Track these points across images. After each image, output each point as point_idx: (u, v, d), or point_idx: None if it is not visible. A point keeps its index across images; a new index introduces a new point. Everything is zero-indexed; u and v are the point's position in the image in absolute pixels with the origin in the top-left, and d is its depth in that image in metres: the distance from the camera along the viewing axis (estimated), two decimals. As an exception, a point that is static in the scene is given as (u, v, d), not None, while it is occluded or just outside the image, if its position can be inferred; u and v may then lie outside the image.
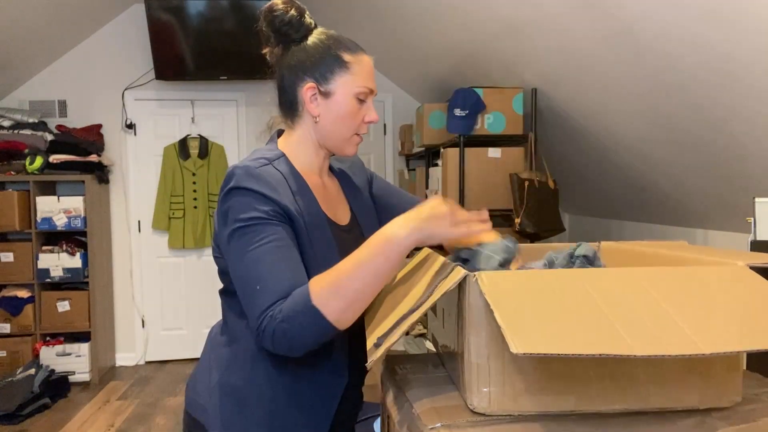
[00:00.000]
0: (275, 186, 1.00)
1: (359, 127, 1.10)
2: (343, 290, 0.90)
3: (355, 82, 1.08)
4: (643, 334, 0.68)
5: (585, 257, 0.93)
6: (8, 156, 3.95)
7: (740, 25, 1.71)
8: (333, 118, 1.09)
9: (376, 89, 1.11)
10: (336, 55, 1.08)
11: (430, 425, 0.78)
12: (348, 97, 1.08)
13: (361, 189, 1.24)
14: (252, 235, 0.95)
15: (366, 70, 1.09)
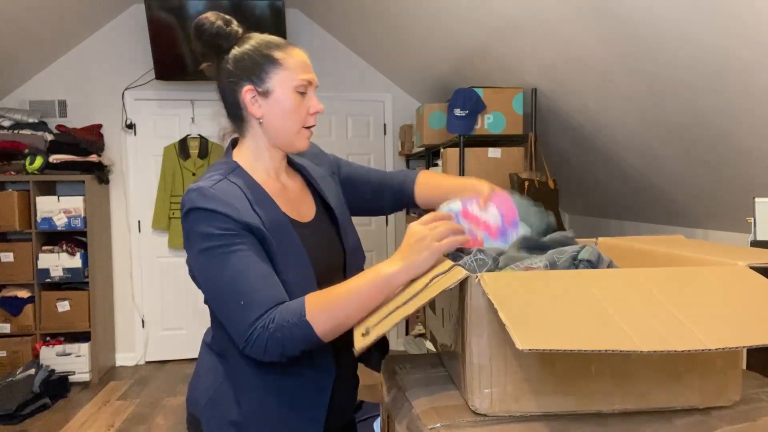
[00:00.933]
0: (230, 201, 1.02)
1: (305, 119, 1.12)
2: (335, 312, 0.95)
3: (291, 76, 1.11)
4: (647, 330, 0.68)
5: (588, 262, 0.92)
6: (8, 156, 3.95)
7: (740, 25, 1.71)
8: (277, 115, 1.10)
9: (315, 80, 1.14)
10: (266, 54, 1.11)
11: (430, 425, 0.78)
12: (288, 92, 1.10)
13: (327, 176, 1.27)
14: (220, 254, 0.99)
15: (299, 62, 1.13)
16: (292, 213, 1.13)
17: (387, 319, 0.85)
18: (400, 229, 4.85)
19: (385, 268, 0.95)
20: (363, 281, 0.96)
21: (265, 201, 1.08)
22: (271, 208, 1.08)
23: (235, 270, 0.98)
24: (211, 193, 1.01)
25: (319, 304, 0.96)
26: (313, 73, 1.14)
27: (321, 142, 4.57)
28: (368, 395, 3.76)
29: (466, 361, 0.82)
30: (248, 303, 0.97)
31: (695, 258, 0.93)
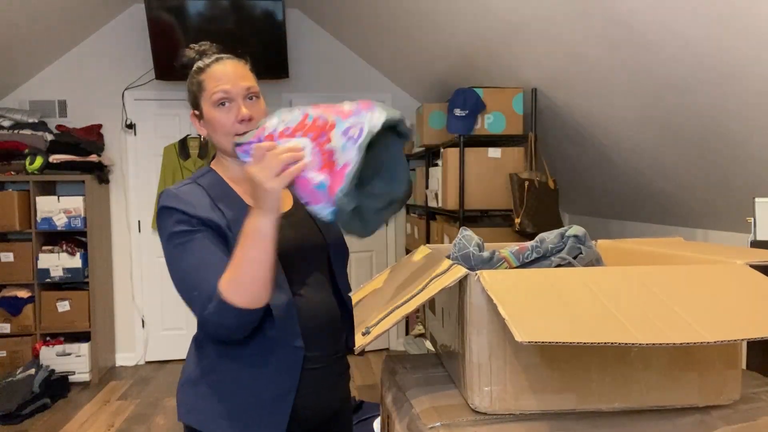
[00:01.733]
0: (190, 200, 1.13)
1: (233, 128, 1.16)
2: (240, 281, 1.03)
3: (208, 93, 1.17)
4: (646, 324, 0.68)
5: (576, 237, 0.94)
6: (8, 156, 3.95)
7: (740, 25, 1.71)
8: (211, 134, 1.20)
9: (236, 87, 1.16)
10: (194, 80, 1.21)
11: (430, 424, 0.78)
12: (210, 108, 1.18)
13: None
14: (177, 246, 1.11)
15: (215, 78, 1.17)
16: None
17: (386, 320, 0.85)
18: (400, 229, 4.85)
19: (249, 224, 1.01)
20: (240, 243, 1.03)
21: (231, 197, 1.18)
22: (236, 203, 1.17)
23: (188, 262, 1.09)
24: (174, 193, 1.14)
25: (225, 281, 1.04)
26: (232, 83, 1.17)
27: (321, 142, 4.58)
28: (368, 395, 3.76)
29: (465, 359, 0.82)
30: (199, 292, 1.06)
31: (694, 257, 0.93)
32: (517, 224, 2.90)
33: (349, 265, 5.39)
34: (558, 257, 0.93)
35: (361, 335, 0.88)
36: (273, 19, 4.11)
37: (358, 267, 4.78)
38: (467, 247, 0.97)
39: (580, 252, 0.93)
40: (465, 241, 0.98)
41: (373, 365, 4.47)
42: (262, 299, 1.06)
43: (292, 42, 4.53)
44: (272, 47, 4.18)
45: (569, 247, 0.93)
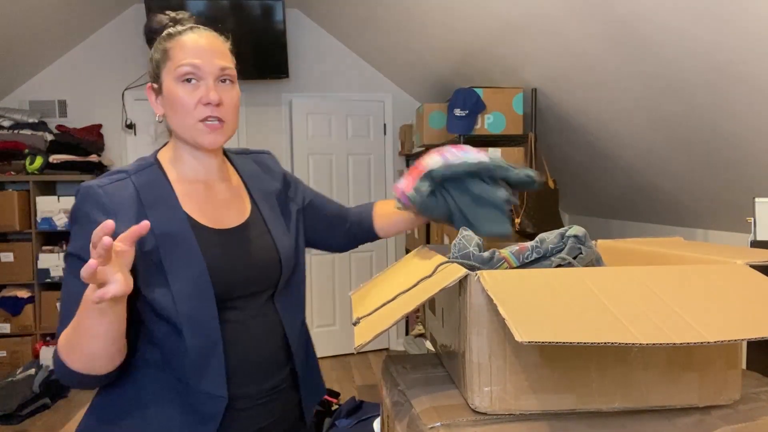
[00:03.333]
0: (112, 208, 0.95)
1: (196, 111, 1.00)
2: (76, 350, 0.89)
3: (173, 64, 0.99)
4: (646, 324, 0.68)
5: (576, 237, 0.94)
6: (8, 156, 3.95)
7: (740, 25, 1.71)
8: (169, 111, 1.02)
9: (208, 64, 0.99)
10: (160, 47, 1.03)
11: (430, 424, 0.78)
12: (171, 83, 1.00)
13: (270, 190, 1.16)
14: (69, 270, 0.95)
15: (185, 48, 1.00)
16: (204, 217, 1.03)
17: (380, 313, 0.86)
18: (400, 229, 4.85)
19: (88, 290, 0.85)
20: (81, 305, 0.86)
21: (167, 203, 1.00)
22: (170, 211, 0.99)
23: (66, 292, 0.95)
24: (95, 194, 0.96)
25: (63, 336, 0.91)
26: (204, 59, 0.99)
27: (321, 142, 4.58)
28: (368, 395, 3.76)
29: (465, 359, 0.82)
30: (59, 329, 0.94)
31: (694, 257, 0.93)
32: (517, 224, 2.90)
33: (349, 266, 5.37)
34: (558, 257, 0.92)
35: (353, 325, 0.89)
36: (273, 19, 4.11)
37: (358, 267, 4.78)
38: (467, 247, 0.97)
39: (580, 252, 0.93)
40: (465, 241, 0.98)
41: (373, 365, 4.47)
42: (100, 369, 0.91)
43: (292, 42, 4.53)
44: (272, 47, 4.18)
45: (569, 248, 0.93)
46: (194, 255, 0.97)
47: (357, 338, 0.85)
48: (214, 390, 0.97)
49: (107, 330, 0.86)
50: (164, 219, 0.98)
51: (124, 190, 0.98)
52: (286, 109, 4.63)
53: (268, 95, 4.59)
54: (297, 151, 4.55)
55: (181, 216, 1.00)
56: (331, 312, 4.71)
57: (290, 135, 4.63)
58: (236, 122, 1.06)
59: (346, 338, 4.72)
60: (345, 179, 4.70)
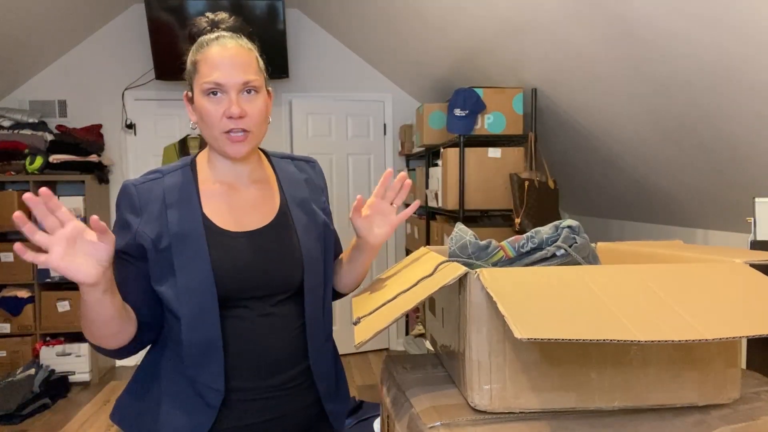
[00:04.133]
0: (139, 206, 1.06)
1: (221, 124, 1.04)
2: (86, 329, 1.00)
3: (200, 79, 1.05)
4: (645, 322, 0.68)
5: (570, 227, 0.95)
6: (8, 156, 3.95)
7: (740, 25, 1.71)
8: (199, 121, 1.08)
9: (231, 80, 1.03)
10: (192, 59, 1.09)
11: (430, 424, 0.78)
12: (200, 96, 1.06)
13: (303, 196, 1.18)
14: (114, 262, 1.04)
15: (210, 63, 1.05)
16: (222, 219, 1.08)
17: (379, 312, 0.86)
18: (400, 229, 4.85)
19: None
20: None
21: (188, 204, 1.07)
22: (189, 212, 1.06)
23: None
24: (130, 193, 1.07)
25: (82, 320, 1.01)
26: (226, 74, 1.03)
27: (321, 142, 4.58)
28: (368, 395, 3.76)
29: (465, 357, 0.82)
30: None
31: (693, 257, 0.93)
32: (517, 224, 2.90)
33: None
34: (554, 246, 0.93)
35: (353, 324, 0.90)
36: (273, 18, 4.11)
37: (358, 267, 4.77)
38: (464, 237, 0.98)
39: (575, 241, 0.94)
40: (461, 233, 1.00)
41: (373, 365, 4.47)
42: (107, 345, 1.03)
43: (292, 42, 4.53)
44: (272, 47, 4.18)
45: (564, 237, 0.94)
46: (202, 255, 1.03)
47: (357, 336, 0.85)
48: (212, 383, 1.04)
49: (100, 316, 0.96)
50: (181, 219, 1.05)
51: (155, 189, 1.07)
52: (286, 109, 4.63)
53: (268, 95, 4.59)
54: (297, 151, 4.55)
55: (197, 217, 1.06)
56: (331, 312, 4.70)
57: (290, 135, 4.63)
58: (263, 129, 1.11)
59: (346, 338, 4.71)
60: (345, 179, 4.70)
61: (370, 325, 0.86)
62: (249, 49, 1.10)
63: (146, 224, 1.04)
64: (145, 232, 1.04)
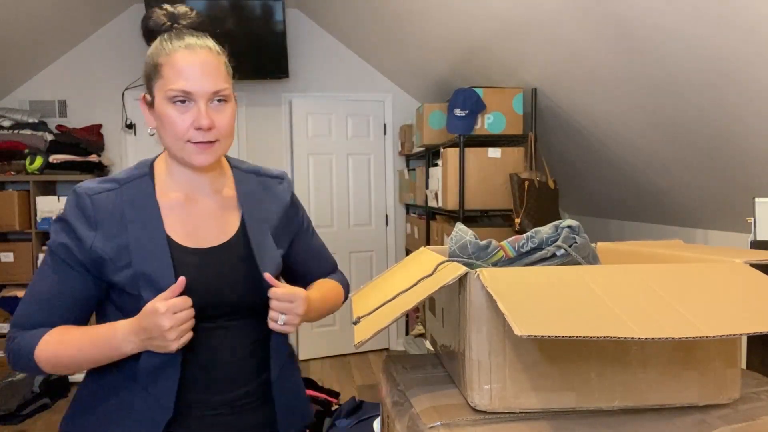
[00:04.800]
0: (95, 220, 0.99)
1: (188, 134, 0.98)
2: (61, 363, 0.97)
3: (166, 85, 0.98)
4: (645, 320, 0.68)
5: (570, 227, 0.95)
6: (8, 156, 3.95)
7: (740, 25, 1.71)
8: (159, 128, 1.01)
9: (200, 89, 0.97)
10: (153, 60, 1.00)
11: (430, 424, 0.78)
12: (162, 103, 0.98)
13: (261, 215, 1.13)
14: (46, 262, 1.02)
15: (176, 69, 0.97)
16: (182, 235, 1.04)
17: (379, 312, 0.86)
18: (400, 229, 4.85)
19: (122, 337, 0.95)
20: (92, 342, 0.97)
21: (149, 221, 1.02)
22: (150, 229, 1.01)
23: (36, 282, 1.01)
24: (83, 205, 1.00)
25: (49, 349, 0.97)
26: (196, 83, 0.97)
27: (321, 142, 4.59)
28: (368, 395, 3.76)
29: (465, 357, 0.82)
30: (18, 312, 1.01)
31: (693, 257, 0.93)
32: (517, 224, 2.90)
33: (349, 265, 5.34)
34: (554, 246, 0.93)
35: (353, 324, 0.90)
36: (273, 19, 4.11)
37: (358, 267, 4.78)
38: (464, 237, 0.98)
39: (575, 241, 0.94)
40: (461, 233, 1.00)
41: (373, 365, 4.47)
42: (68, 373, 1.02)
43: (292, 42, 4.53)
44: (272, 47, 4.18)
45: (564, 237, 0.94)
46: (167, 275, 0.99)
47: (357, 335, 0.85)
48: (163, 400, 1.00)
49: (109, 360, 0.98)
50: (143, 236, 1.00)
51: (111, 203, 1.01)
52: (286, 109, 4.63)
53: (268, 95, 4.60)
54: (297, 151, 4.55)
55: (160, 235, 1.01)
56: (331, 312, 4.70)
57: (290, 135, 4.63)
58: (231, 138, 1.05)
59: (346, 338, 4.71)
60: (345, 179, 4.70)
61: (369, 324, 0.86)
62: (218, 53, 1.04)
63: (104, 241, 0.98)
64: (103, 250, 0.98)
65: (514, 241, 0.97)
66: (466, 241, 0.97)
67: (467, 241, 0.97)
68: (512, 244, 0.97)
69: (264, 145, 4.64)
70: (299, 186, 4.58)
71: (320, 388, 3.74)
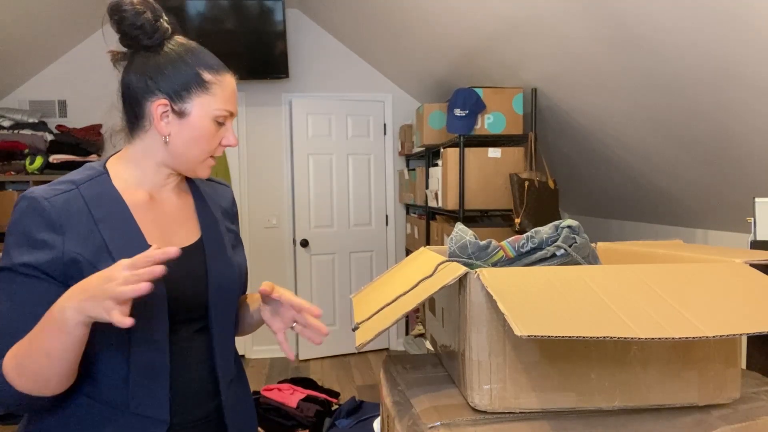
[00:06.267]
0: (59, 223, 0.90)
1: (215, 150, 1.04)
2: (26, 370, 0.85)
3: (214, 104, 1.00)
4: (645, 320, 0.68)
5: (570, 227, 0.95)
6: (8, 156, 3.95)
7: (739, 24, 1.71)
8: (186, 139, 1.00)
9: (236, 111, 1.06)
10: (196, 72, 0.99)
11: (430, 424, 0.78)
12: (206, 119, 1.00)
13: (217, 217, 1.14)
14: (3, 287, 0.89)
15: (228, 91, 1.02)
16: (153, 235, 1.00)
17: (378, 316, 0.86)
18: (400, 229, 4.85)
19: (57, 305, 0.81)
20: (38, 329, 0.83)
21: (121, 218, 0.96)
22: (125, 227, 0.96)
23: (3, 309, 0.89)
24: (41, 208, 0.90)
25: (11, 362, 0.85)
26: (236, 104, 1.05)
27: (321, 142, 4.58)
28: (368, 395, 3.76)
29: (465, 357, 0.82)
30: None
31: (693, 257, 0.93)
32: (517, 224, 2.90)
33: (349, 265, 5.33)
34: (554, 246, 0.93)
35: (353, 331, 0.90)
36: (273, 19, 4.11)
37: (358, 267, 4.78)
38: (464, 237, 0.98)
39: (575, 241, 0.94)
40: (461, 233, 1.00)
41: (373, 365, 4.47)
42: (52, 390, 0.87)
43: (292, 42, 4.53)
44: (272, 47, 4.18)
45: (564, 237, 0.94)
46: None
47: (358, 337, 0.85)
48: (156, 414, 0.95)
49: (66, 349, 0.83)
50: (119, 236, 0.94)
51: (73, 203, 0.93)
52: (286, 109, 4.63)
53: (268, 95, 4.60)
54: (297, 151, 4.55)
55: (138, 235, 0.96)
56: (331, 312, 4.71)
57: (290, 135, 4.63)
58: None
59: (346, 338, 4.72)
60: (345, 179, 4.70)
61: (370, 326, 0.86)
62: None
63: (76, 244, 0.90)
64: (77, 252, 0.90)
65: (514, 241, 0.97)
66: (466, 241, 0.97)
67: (467, 241, 0.97)
68: (512, 244, 0.97)
69: (264, 145, 4.64)
70: (299, 186, 4.58)
71: (320, 388, 3.74)
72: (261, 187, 4.67)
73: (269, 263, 4.70)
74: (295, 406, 3.31)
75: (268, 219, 4.69)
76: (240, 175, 4.63)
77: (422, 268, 0.95)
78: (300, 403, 3.34)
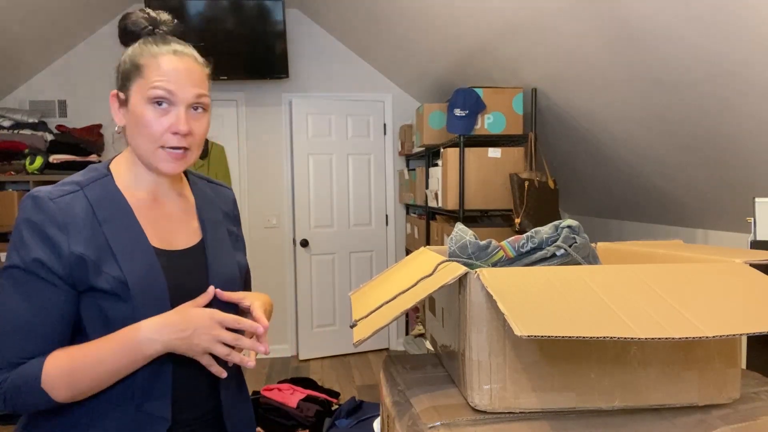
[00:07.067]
0: (64, 224, 0.91)
1: (162, 138, 0.96)
2: (77, 383, 0.88)
3: (145, 82, 0.95)
4: (645, 320, 0.68)
5: (570, 227, 0.95)
6: (8, 156, 3.95)
7: (739, 25, 1.71)
8: (131, 128, 0.97)
9: (183, 91, 0.96)
10: (134, 59, 0.97)
11: (430, 424, 0.78)
12: (140, 102, 0.95)
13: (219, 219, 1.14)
14: (13, 285, 0.90)
15: (162, 71, 0.95)
16: (155, 238, 1.01)
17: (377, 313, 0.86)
18: (400, 229, 4.85)
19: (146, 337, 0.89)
20: (111, 349, 0.89)
21: (123, 216, 0.97)
22: (129, 229, 0.96)
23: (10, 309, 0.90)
24: (47, 207, 0.91)
25: (58, 371, 0.88)
26: (179, 85, 0.95)
27: (321, 142, 4.58)
28: (368, 395, 3.76)
29: (465, 357, 0.82)
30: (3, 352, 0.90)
31: (693, 257, 0.93)
32: (517, 224, 2.90)
33: (349, 265, 5.34)
34: (554, 246, 0.93)
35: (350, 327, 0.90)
36: (273, 19, 4.11)
37: (358, 267, 4.78)
38: (464, 237, 0.98)
39: (575, 241, 0.94)
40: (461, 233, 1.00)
41: (373, 365, 4.47)
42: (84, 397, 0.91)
43: (292, 42, 4.53)
44: (272, 47, 4.18)
45: (564, 237, 0.94)
46: (158, 278, 0.96)
47: (356, 334, 0.85)
48: (158, 411, 0.96)
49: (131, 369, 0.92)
50: (123, 237, 0.95)
51: (77, 205, 0.94)
52: (286, 109, 4.63)
53: (268, 95, 4.60)
54: (297, 151, 4.55)
55: (141, 237, 0.97)
56: (331, 312, 4.71)
57: (290, 135, 4.63)
58: (200, 150, 1.03)
59: (346, 338, 4.71)
60: (345, 179, 4.70)
61: (368, 323, 0.86)
62: (203, 65, 1.02)
63: (80, 244, 0.91)
64: (83, 252, 0.91)
65: (514, 241, 0.97)
66: (466, 241, 0.97)
67: (467, 241, 0.97)
68: (512, 244, 0.97)
69: (264, 145, 4.64)
70: (299, 186, 4.58)
71: (320, 388, 3.74)
72: (261, 187, 4.67)
73: (269, 263, 4.70)
74: (295, 406, 3.31)
75: (268, 219, 4.69)
76: (240, 175, 4.63)
77: (422, 267, 0.95)
78: (300, 403, 3.34)
